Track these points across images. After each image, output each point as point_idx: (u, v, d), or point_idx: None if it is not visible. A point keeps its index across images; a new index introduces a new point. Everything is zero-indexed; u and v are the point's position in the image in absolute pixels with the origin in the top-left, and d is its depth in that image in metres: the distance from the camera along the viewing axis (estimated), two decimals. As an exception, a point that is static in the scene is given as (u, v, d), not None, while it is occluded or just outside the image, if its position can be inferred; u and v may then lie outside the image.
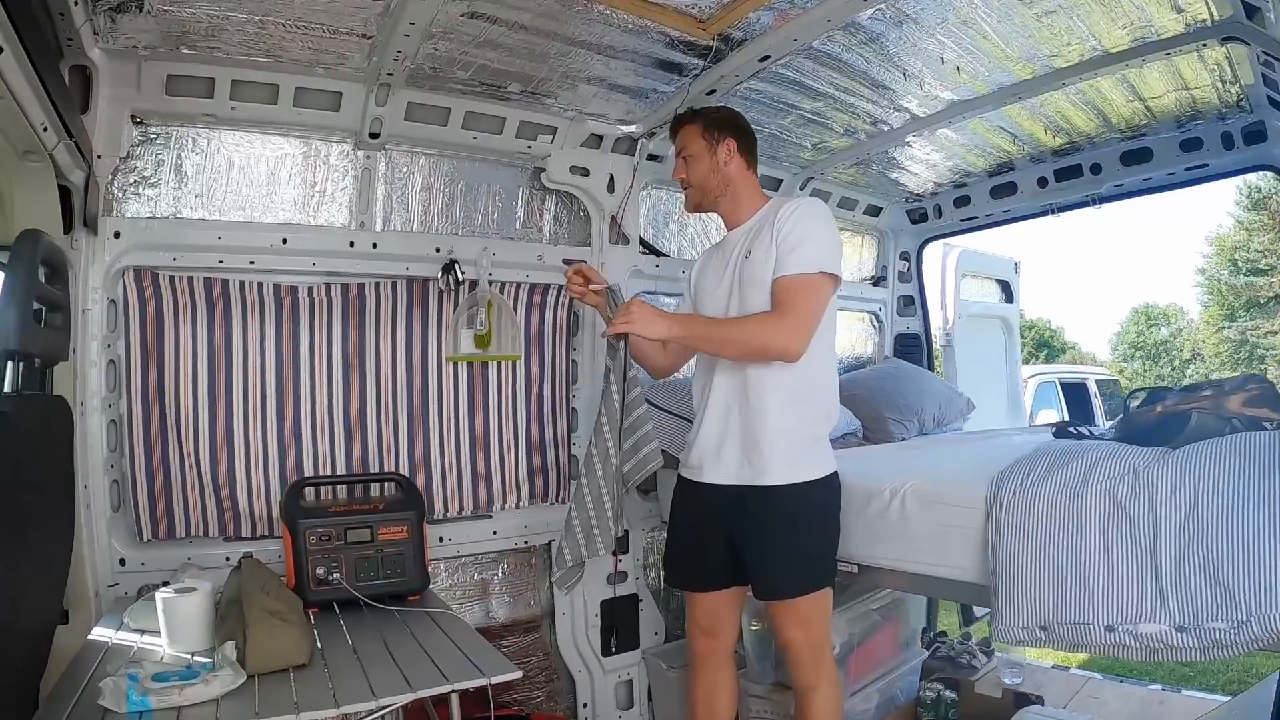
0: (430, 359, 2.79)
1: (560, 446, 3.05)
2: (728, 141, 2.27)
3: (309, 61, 2.38)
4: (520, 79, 2.58)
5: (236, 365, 2.50)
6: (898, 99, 2.93)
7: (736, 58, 2.50)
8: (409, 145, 2.74)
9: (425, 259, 2.72)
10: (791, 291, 2.07)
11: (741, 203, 2.29)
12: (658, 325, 2.13)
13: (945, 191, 3.89)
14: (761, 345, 2.07)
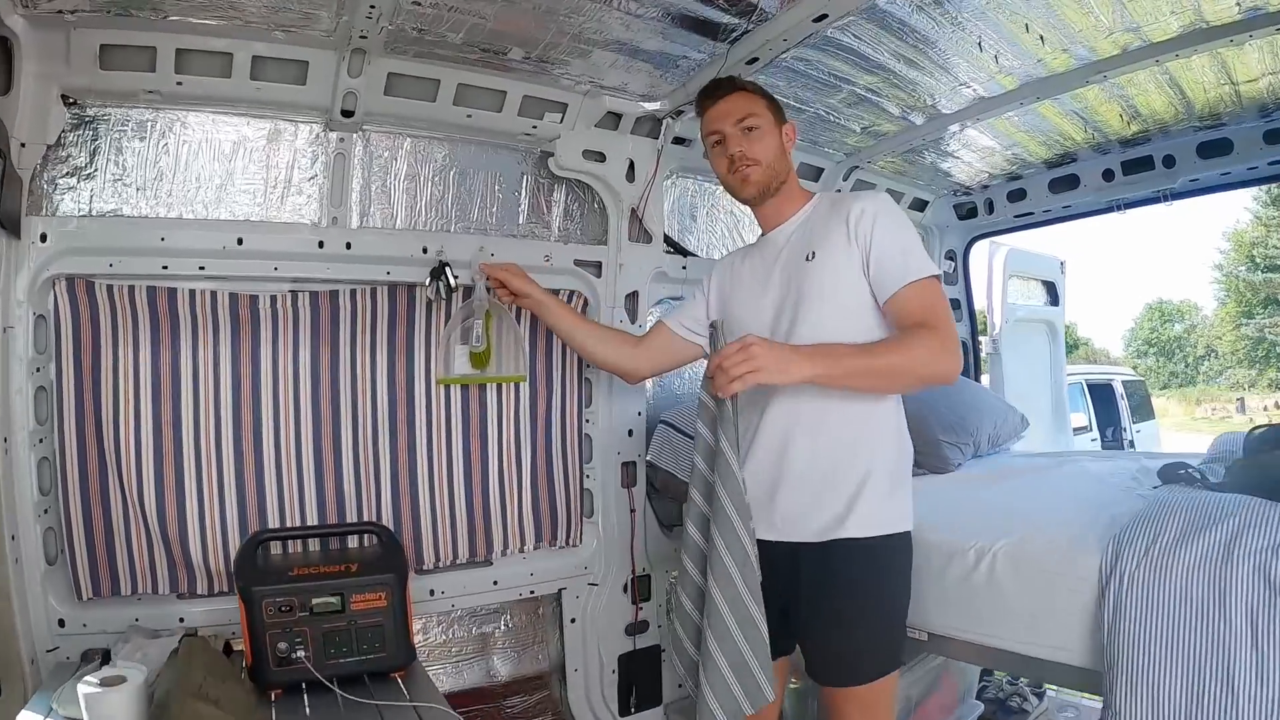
0: (418, 380, 2.35)
1: (571, 482, 2.60)
2: (787, 126, 1.93)
3: (266, 24, 1.94)
4: (523, 43, 2.11)
5: (186, 391, 2.09)
6: (966, 75, 2.45)
7: (787, 17, 2.02)
8: (390, 125, 2.29)
9: (410, 261, 2.27)
10: (930, 301, 1.71)
11: (788, 199, 1.93)
12: (798, 366, 1.58)
13: (998, 184, 3.47)
14: (930, 373, 1.68)
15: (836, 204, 1.85)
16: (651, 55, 2.21)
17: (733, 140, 1.87)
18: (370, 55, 2.05)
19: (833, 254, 1.77)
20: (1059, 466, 2.99)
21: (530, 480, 2.53)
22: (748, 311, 1.91)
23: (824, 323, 1.75)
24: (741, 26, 2.08)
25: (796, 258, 1.83)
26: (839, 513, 1.74)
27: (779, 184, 1.89)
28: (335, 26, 1.96)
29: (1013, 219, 3.59)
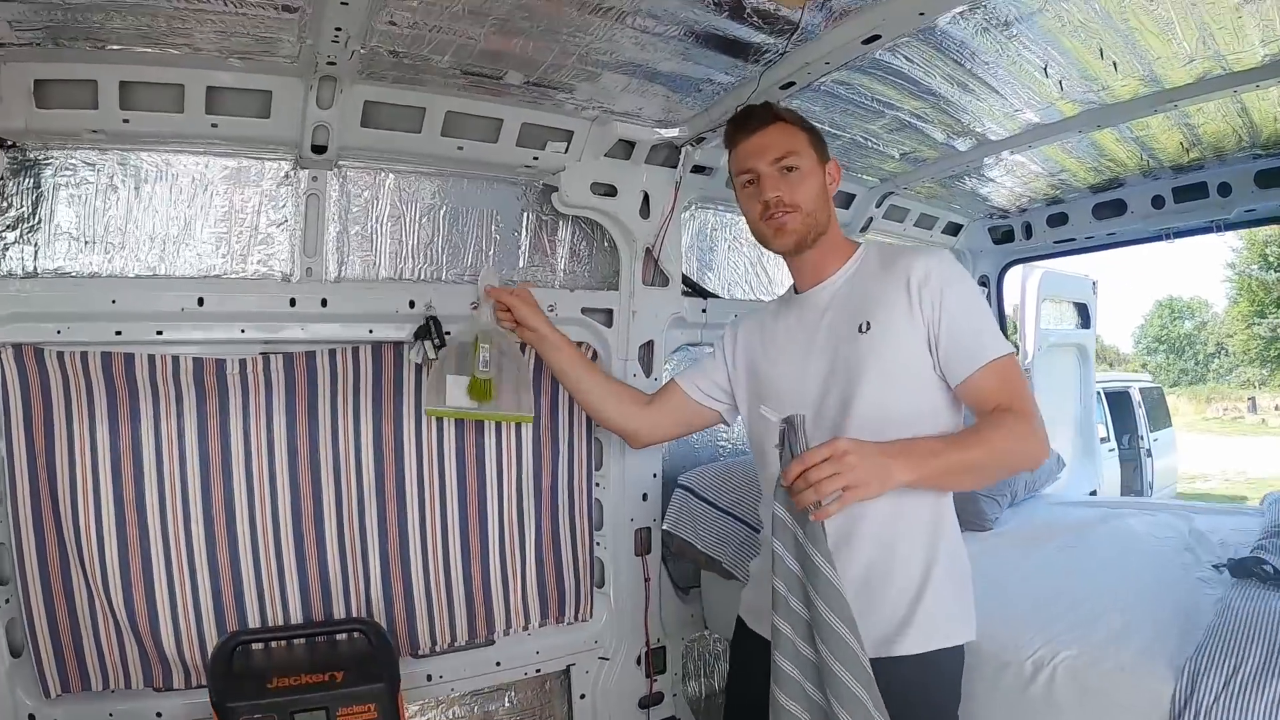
0: (407, 448, 2.05)
1: (580, 552, 2.30)
2: (831, 165, 1.62)
3: (219, 51, 1.66)
4: (521, 65, 1.79)
5: (149, 467, 1.82)
6: (1023, 101, 2.14)
7: (832, 37, 1.70)
8: (370, 160, 1.98)
9: (395, 317, 1.97)
10: (1010, 381, 1.47)
11: (829, 251, 1.61)
12: (897, 475, 1.27)
13: (1038, 208, 3.17)
14: (1021, 462, 1.49)
15: (891, 262, 1.53)
16: (670, 78, 1.89)
17: (769, 182, 1.55)
18: (342, 83, 1.75)
19: (892, 326, 1.47)
20: (1102, 524, 2.78)
21: (535, 552, 2.23)
22: (786, 382, 1.59)
23: (885, 403, 1.45)
24: (778, 47, 1.76)
25: (846, 325, 1.52)
26: (897, 621, 1.44)
27: (818, 234, 1.57)
28: (298, 52, 1.66)
29: (1052, 244, 3.30)
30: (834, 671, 1.25)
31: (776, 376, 1.63)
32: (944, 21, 1.71)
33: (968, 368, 1.44)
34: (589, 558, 2.31)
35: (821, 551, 1.27)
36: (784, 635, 1.35)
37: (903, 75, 1.95)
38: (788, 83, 1.85)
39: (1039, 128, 2.31)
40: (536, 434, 2.20)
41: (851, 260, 1.60)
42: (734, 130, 1.61)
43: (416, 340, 1.91)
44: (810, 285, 1.62)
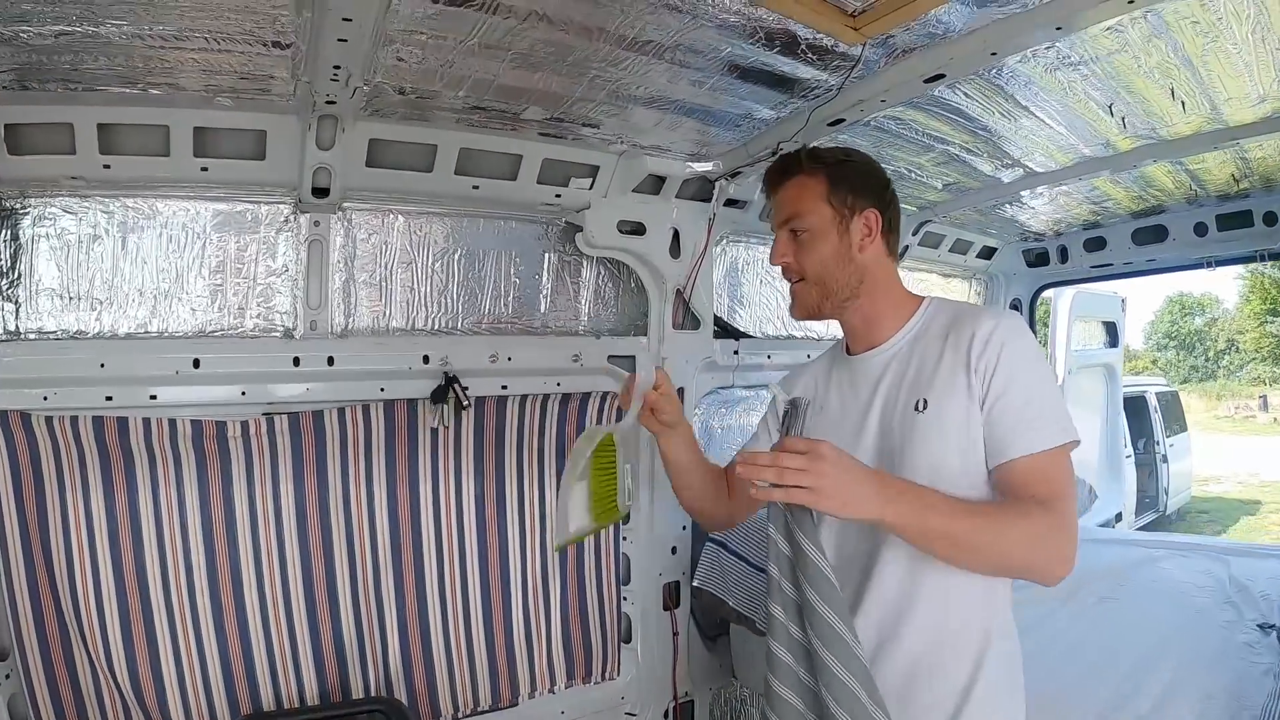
0: (424, 511, 1.86)
1: (607, 608, 2.12)
2: (867, 214, 1.35)
3: (206, 90, 1.46)
4: (544, 101, 1.59)
5: (149, 538, 1.66)
6: (1080, 136, 1.96)
7: (892, 74, 1.50)
8: (377, 202, 1.78)
9: (409, 374, 1.78)
10: (1051, 473, 1.21)
11: (882, 311, 1.37)
12: (865, 504, 1.11)
13: (1074, 232, 2.97)
14: (1031, 560, 1.19)
15: (955, 325, 1.30)
16: (707, 112, 1.68)
17: (776, 246, 1.39)
18: (344, 120, 1.55)
19: (952, 406, 1.25)
20: (1138, 570, 2.65)
21: (560, 611, 2.06)
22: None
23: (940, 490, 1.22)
24: (830, 84, 1.54)
25: (902, 401, 1.31)
26: (945, 717, 1.25)
27: (842, 299, 1.36)
28: (293, 90, 1.46)
29: (1089, 269, 3.11)
30: (826, 664, 1.17)
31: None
32: (1013, 61, 1.53)
33: (1007, 451, 1.21)
34: (616, 614, 2.14)
35: (809, 538, 1.19)
36: (778, 621, 1.25)
37: (957, 111, 1.76)
38: (836, 119, 1.64)
39: (1090, 161, 2.12)
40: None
41: (912, 320, 1.36)
42: (765, 182, 1.42)
43: (436, 402, 1.72)
44: (862, 349, 1.39)
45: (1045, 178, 2.24)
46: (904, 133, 1.86)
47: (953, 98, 1.69)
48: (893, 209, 1.39)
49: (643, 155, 1.84)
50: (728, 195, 2.01)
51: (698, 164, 1.90)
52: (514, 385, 1.89)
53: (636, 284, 2.09)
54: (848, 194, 1.34)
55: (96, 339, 1.63)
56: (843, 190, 1.34)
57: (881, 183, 1.39)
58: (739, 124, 1.75)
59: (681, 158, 1.88)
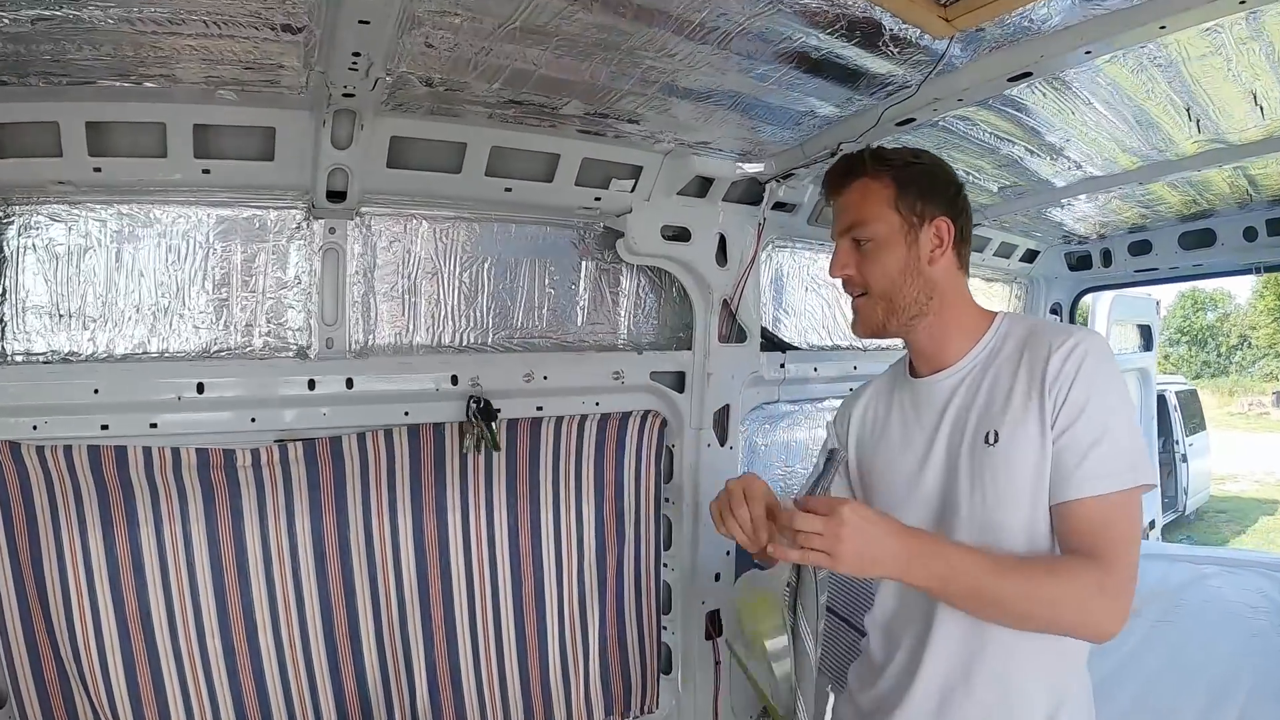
0: (453, 540, 1.69)
1: (647, 639, 1.94)
2: (937, 222, 1.19)
3: (206, 82, 1.27)
4: (586, 93, 1.39)
5: (153, 577, 1.50)
6: (1146, 140, 1.79)
7: (974, 70, 1.34)
8: (399, 206, 1.59)
9: (435, 395, 1.60)
10: (1112, 522, 1.06)
11: (951, 330, 1.21)
12: (883, 565, 1.02)
13: (1119, 235, 2.81)
14: (1074, 622, 1.05)
15: (1033, 342, 1.15)
16: (763, 108, 1.48)
17: (836, 257, 1.22)
18: (362, 116, 1.35)
19: (1025, 440, 1.10)
20: (1190, 589, 2.51)
21: (598, 643, 1.89)
22: (895, 492, 1.23)
23: (1004, 533, 1.11)
24: (906, 80, 1.36)
25: (970, 432, 1.16)
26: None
27: (910, 316, 1.20)
28: (305, 81, 1.26)
29: (1133, 273, 2.93)
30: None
31: (885, 479, 1.26)
32: (1103, 60, 1.35)
33: (1068, 490, 1.07)
34: (656, 644, 1.96)
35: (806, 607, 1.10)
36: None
37: (1029, 111, 1.57)
38: (907, 119, 1.46)
39: (1153, 166, 1.95)
40: (599, 514, 1.83)
41: (985, 339, 1.20)
42: (827, 187, 1.26)
43: (473, 426, 1.54)
44: (928, 371, 1.23)
45: (1104, 182, 2.06)
46: (970, 134, 1.67)
47: (1028, 97, 1.50)
48: (964, 216, 1.23)
49: (689, 155, 1.64)
50: (777, 198, 1.81)
51: (748, 164, 1.70)
52: (549, 406, 1.70)
53: (680, 294, 1.89)
54: (917, 199, 1.18)
55: (90, 361, 1.43)
56: (911, 195, 1.18)
57: (954, 187, 1.23)
58: (798, 121, 1.55)
59: (730, 157, 1.68)
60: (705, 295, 1.84)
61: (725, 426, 1.90)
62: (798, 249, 2.16)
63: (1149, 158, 1.93)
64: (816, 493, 1.07)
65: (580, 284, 1.80)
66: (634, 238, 1.72)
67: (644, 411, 1.82)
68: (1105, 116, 1.66)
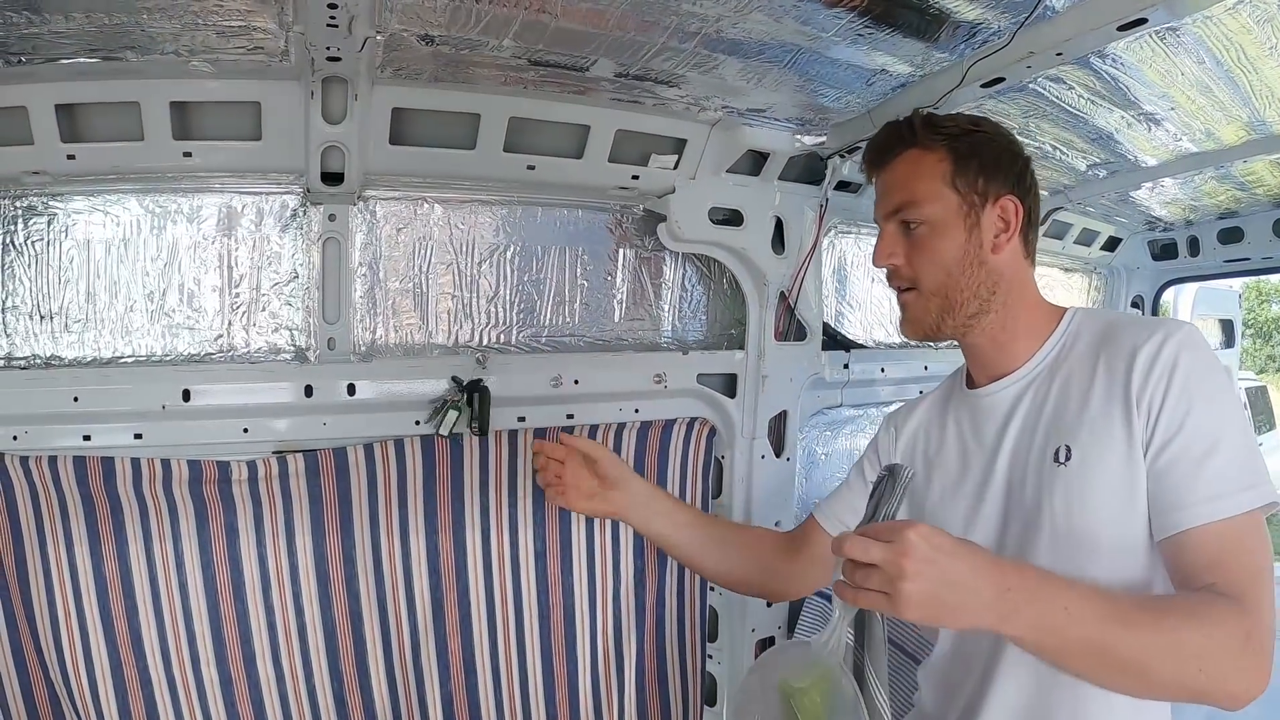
0: (471, 562, 1.47)
1: (690, 669, 1.70)
2: (1003, 202, 1.00)
3: (178, 50, 1.06)
4: (616, 50, 1.14)
5: (144, 601, 1.33)
6: (1255, 110, 1.47)
7: (1079, 16, 1.08)
8: (406, 189, 1.36)
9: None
10: (1245, 557, 0.85)
11: (1016, 331, 1.03)
12: (972, 608, 0.77)
13: (1207, 221, 2.47)
14: (1209, 684, 0.80)
15: (1111, 339, 0.95)
16: (827, 67, 1.21)
17: (881, 243, 1.04)
18: (356, 84, 1.14)
19: (1106, 455, 0.91)
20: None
21: (635, 675, 1.65)
22: (951, 517, 1.03)
23: (1086, 572, 0.89)
24: (999, 28, 1.09)
25: (1038, 449, 0.97)
26: None
27: (969, 315, 1.00)
28: (284, 45, 1.03)
29: (1222, 263, 2.60)
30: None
31: (939, 513, 1.06)
32: (1224, 9, 1.09)
33: (1181, 519, 0.86)
34: (699, 676, 1.72)
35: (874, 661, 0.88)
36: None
37: (1131, 71, 1.27)
38: (995, 79, 1.19)
39: (1260, 140, 1.61)
40: (638, 534, 1.59)
41: (1053, 339, 1.01)
42: (866, 159, 1.08)
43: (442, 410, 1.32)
44: (987, 380, 1.05)
45: (1199, 160, 1.73)
46: (1064, 99, 1.36)
47: (1132, 53, 1.21)
48: (1033, 196, 1.04)
49: (740, 125, 1.37)
50: (841, 176, 1.52)
51: (808, 136, 1.42)
52: (581, 414, 1.46)
53: (731, 285, 1.62)
54: (978, 175, 0.99)
55: (71, 366, 1.27)
56: (972, 170, 0.99)
57: (1021, 161, 1.04)
58: (869, 82, 1.28)
59: (787, 128, 1.40)
60: (760, 287, 1.57)
61: (782, 435, 1.63)
62: (863, 235, 1.86)
63: (1258, 130, 1.59)
64: (880, 519, 0.85)
65: (617, 275, 1.55)
66: (678, 222, 1.46)
67: (690, 419, 1.56)
68: (1215, 79, 1.34)
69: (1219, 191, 2.13)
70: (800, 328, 1.62)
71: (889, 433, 1.18)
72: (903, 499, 0.85)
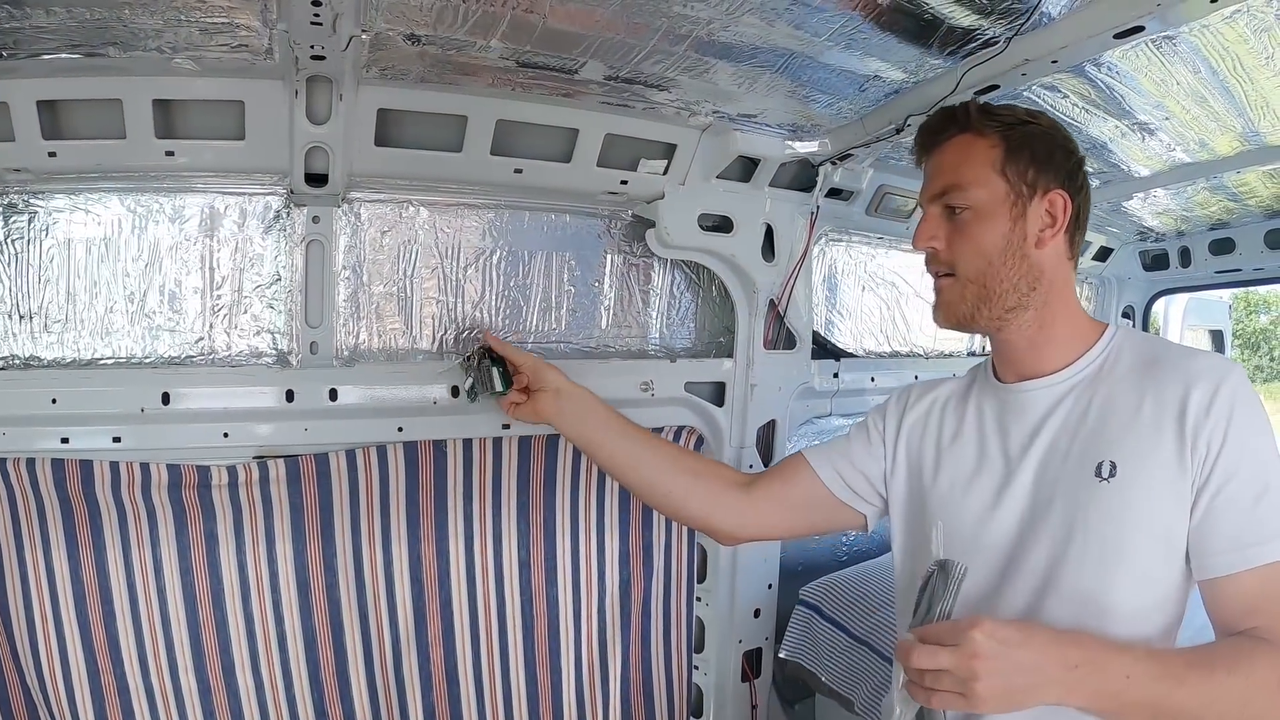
0: (454, 571, 1.45)
1: (676, 680, 1.68)
2: (1052, 195, 0.98)
3: (161, 47, 1.04)
4: (606, 52, 1.12)
5: (122, 608, 1.31)
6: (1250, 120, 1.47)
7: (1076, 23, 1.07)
8: (392, 191, 1.34)
9: (433, 409, 1.36)
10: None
11: (1055, 332, 1.00)
12: (1040, 688, 0.80)
13: (1199, 233, 2.47)
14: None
15: (1158, 369, 0.93)
16: (820, 72, 1.20)
17: (923, 226, 1.02)
18: (341, 84, 1.12)
19: (1153, 478, 0.90)
20: None
21: (620, 686, 1.63)
22: (964, 512, 1.00)
23: (1110, 589, 0.90)
24: (994, 35, 1.09)
25: (1075, 457, 0.94)
26: None
27: (1009, 306, 0.98)
28: (267, 43, 1.02)
29: (1213, 274, 2.59)
30: None
31: (949, 500, 1.02)
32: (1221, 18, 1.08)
33: (1232, 562, 0.86)
34: (685, 687, 1.70)
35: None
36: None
37: (1127, 80, 1.27)
38: (990, 85, 1.18)
39: (1254, 151, 1.61)
40: (625, 544, 1.57)
41: (1093, 353, 0.98)
42: (917, 142, 1.06)
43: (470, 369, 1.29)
44: (1017, 378, 1.02)
45: (1203, 169, 1.72)
46: (1058, 107, 1.36)
47: (1128, 61, 1.21)
48: (1084, 196, 1.01)
49: (731, 130, 1.36)
50: (832, 183, 1.51)
51: (800, 143, 1.40)
52: (565, 422, 1.43)
53: (720, 293, 1.61)
54: (1029, 166, 0.97)
55: (53, 367, 1.24)
56: (1023, 160, 0.97)
57: (1074, 159, 1.01)
58: (861, 88, 1.26)
59: (779, 134, 1.39)
60: (749, 295, 1.55)
61: (770, 445, 1.62)
62: (854, 243, 1.86)
63: (1251, 140, 1.59)
64: (936, 617, 0.85)
65: (605, 281, 1.53)
66: (667, 228, 1.44)
67: (677, 428, 1.54)
68: (1210, 89, 1.34)
69: (1211, 202, 2.13)
70: (790, 336, 1.61)
71: (898, 406, 1.14)
72: (957, 595, 0.85)
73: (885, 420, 1.15)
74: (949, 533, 0.95)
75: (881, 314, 1.97)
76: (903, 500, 1.10)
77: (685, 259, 1.55)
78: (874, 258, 1.91)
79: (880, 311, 1.96)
